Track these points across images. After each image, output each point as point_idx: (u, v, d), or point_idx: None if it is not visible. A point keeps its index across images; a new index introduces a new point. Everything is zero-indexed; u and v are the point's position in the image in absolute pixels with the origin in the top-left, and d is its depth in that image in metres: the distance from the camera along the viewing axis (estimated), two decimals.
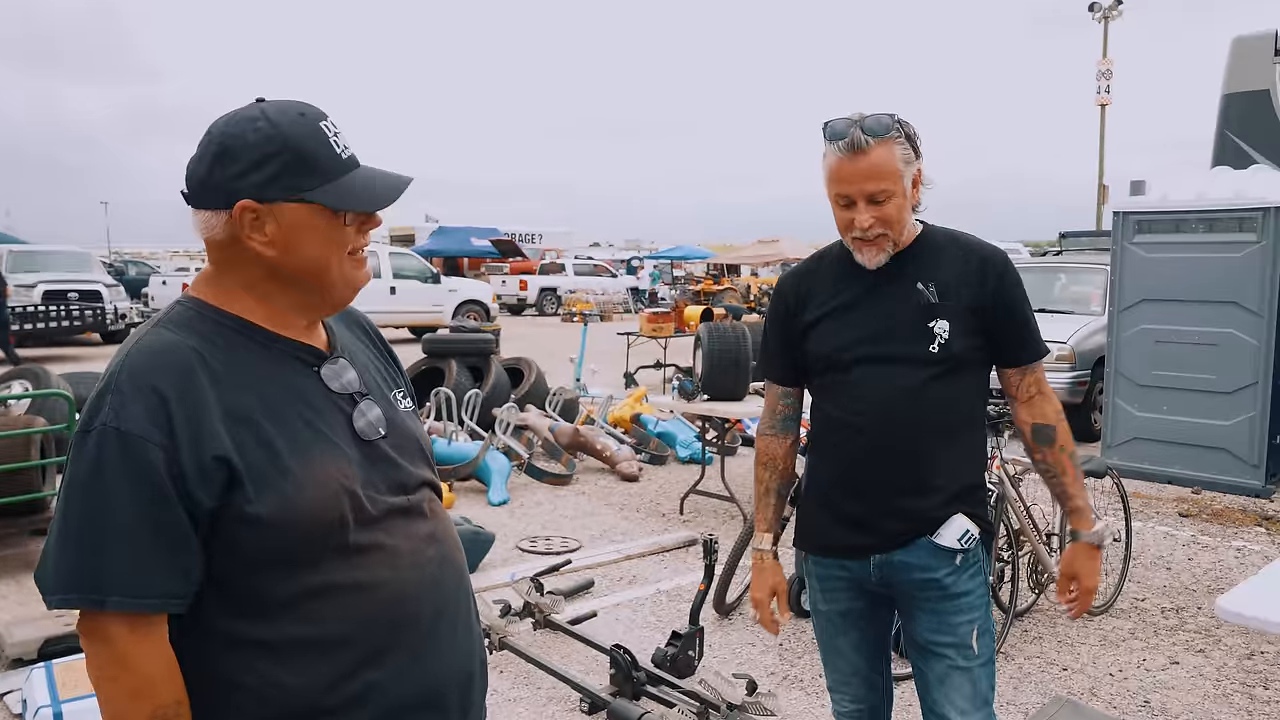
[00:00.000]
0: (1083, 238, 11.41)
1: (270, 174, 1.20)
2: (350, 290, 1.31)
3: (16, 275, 16.59)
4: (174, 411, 1.15)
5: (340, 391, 1.30)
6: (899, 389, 1.99)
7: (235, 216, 1.21)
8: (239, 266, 1.26)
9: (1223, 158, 6.91)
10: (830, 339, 2.05)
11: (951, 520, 2.02)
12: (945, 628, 2.04)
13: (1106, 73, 27.34)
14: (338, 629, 1.22)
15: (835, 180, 1.95)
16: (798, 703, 3.56)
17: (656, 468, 7.58)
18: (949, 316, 1.98)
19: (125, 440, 1.12)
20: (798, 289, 2.13)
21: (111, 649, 1.15)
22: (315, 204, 1.23)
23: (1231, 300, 5.85)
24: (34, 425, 5.17)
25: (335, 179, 1.24)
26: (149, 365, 1.17)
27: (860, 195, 1.92)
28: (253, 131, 1.21)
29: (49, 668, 3.25)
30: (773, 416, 2.22)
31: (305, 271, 1.25)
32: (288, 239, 1.23)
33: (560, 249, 35.99)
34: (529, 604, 3.96)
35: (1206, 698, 3.61)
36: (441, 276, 19.32)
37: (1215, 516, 6.14)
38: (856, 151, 1.90)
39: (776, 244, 29.72)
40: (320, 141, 1.24)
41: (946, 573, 2.02)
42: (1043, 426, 2.09)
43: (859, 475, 2.04)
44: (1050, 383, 2.19)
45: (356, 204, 1.25)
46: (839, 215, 1.98)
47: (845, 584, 2.13)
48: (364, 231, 1.29)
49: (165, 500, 1.13)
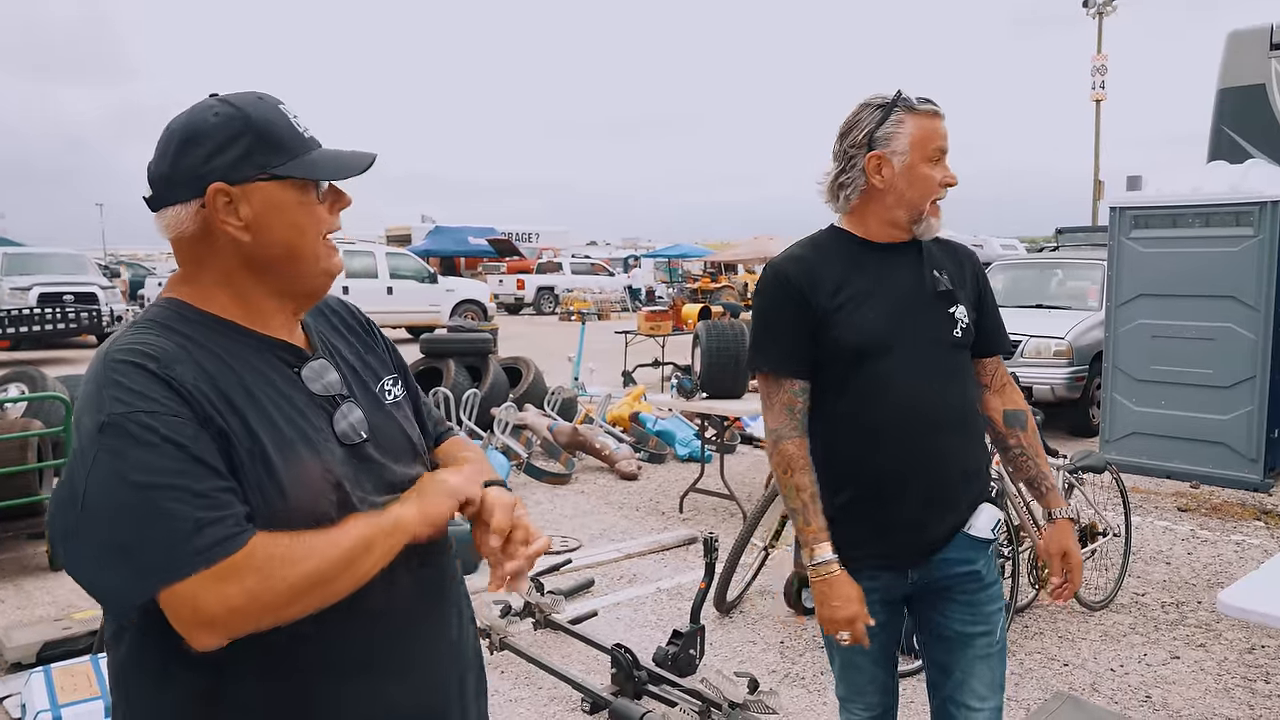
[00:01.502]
0: (1079, 233, 11.42)
1: (238, 154, 1.19)
2: (327, 276, 1.29)
3: (11, 278, 16.57)
4: (176, 387, 1.12)
5: (321, 393, 1.27)
6: (931, 376, 1.98)
7: (209, 200, 1.19)
8: (212, 261, 1.24)
9: (1218, 152, 6.91)
10: (858, 326, 1.95)
11: (980, 510, 2.02)
12: (980, 617, 2.05)
13: (1101, 68, 27.38)
14: (322, 631, 1.18)
15: (930, 137, 1.95)
16: (799, 700, 3.56)
17: (655, 466, 7.57)
18: (963, 303, 2.04)
19: (142, 420, 1.09)
20: (805, 274, 1.99)
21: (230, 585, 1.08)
22: (286, 180, 1.22)
23: (1229, 295, 5.85)
24: (31, 428, 5.15)
25: (301, 155, 1.24)
26: (137, 356, 1.14)
27: (948, 150, 1.98)
28: (213, 116, 1.21)
29: (48, 672, 3.24)
30: (792, 416, 1.99)
31: (281, 255, 1.24)
32: (261, 220, 1.21)
33: (557, 248, 35.99)
34: (529, 604, 3.96)
35: (1208, 692, 3.61)
36: (438, 276, 19.31)
37: (1214, 511, 6.15)
38: (939, 113, 1.98)
39: (773, 241, 29.72)
40: (282, 120, 1.24)
41: (983, 562, 2.04)
42: (1015, 412, 2.15)
43: (902, 472, 1.97)
44: (1048, 378, 2.22)
45: (326, 173, 1.24)
46: (926, 175, 1.95)
47: (873, 598, 2.00)
48: (335, 211, 1.29)
49: (198, 461, 1.10)
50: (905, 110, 1.95)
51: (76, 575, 1.15)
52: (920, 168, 1.95)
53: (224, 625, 1.09)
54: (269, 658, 1.16)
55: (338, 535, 1.15)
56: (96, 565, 1.12)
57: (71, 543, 1.14)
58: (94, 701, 3.05)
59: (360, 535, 1.17)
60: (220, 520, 1.09)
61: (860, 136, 1.98)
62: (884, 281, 2.00)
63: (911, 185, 1.96)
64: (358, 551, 1.16)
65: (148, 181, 1.24)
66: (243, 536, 1.09)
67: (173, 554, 1.07)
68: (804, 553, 1.99)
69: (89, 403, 1.13)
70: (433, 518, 1.26)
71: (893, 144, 1.95)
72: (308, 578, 1.12)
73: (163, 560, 1.07)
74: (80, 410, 1.15)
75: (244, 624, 1.10)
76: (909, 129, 1.94)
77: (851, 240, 2.04)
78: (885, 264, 2.02)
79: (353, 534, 1.16)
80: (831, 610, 1.94)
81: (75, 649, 3.75)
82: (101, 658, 3.31)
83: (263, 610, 1.10)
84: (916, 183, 1.96)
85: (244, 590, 1.08)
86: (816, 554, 1.95)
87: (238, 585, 1.08)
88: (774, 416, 2.02)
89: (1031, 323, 8.47)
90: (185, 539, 1.07)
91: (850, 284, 1.98)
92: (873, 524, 2.00)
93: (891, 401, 1.95)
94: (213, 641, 1.09)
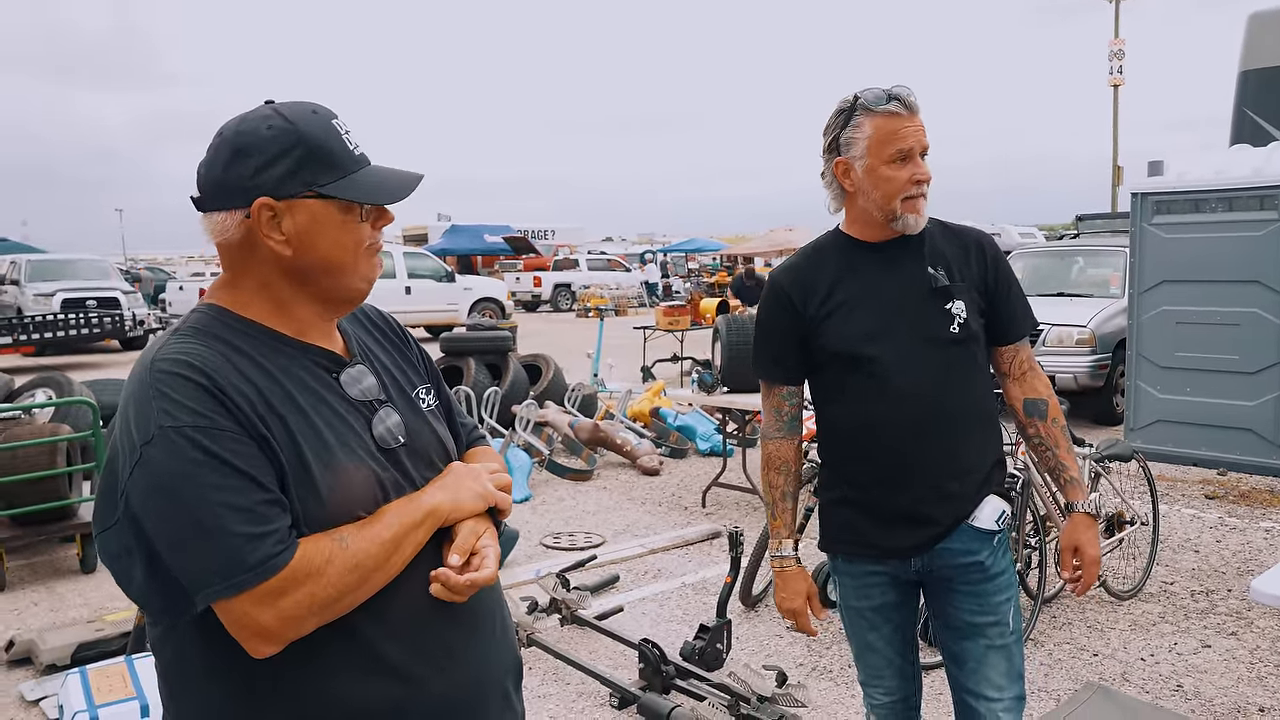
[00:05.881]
0: (1099, 220, 11.33)
1: (287, 169, 1.21)
2: (366, 285, 1.31)
3: (35, 284, 16.76)
4: (221, 399, 1.14)
5: (359, 398, 1.29)
6: (928, 373, 1.99)
7: (254, 213, 1.21)
8: (253, 268, 1.25)
9: (1241, 135, 6.85)
10: (847, 331, 2.02)
11: (985, 501, 2.05)
12: (987, 607, 2.06)
13: (1119, 53, 27.11)
14: (367, 628, 1.20)
15: (892, 138, 1.94)
16: (828, 693, 3.56)
17: (677, 461, 7.58)
18: (962, 296, 2.02)
19: (190, 434, 1.11)
20: (796, 283, 2.08)
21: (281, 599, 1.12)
22: (331, 199, 1.23)
23: (1254, 279, 5.79)
24: (59, 433, 5.21)
25: (350, 174, 1.24)
26: (182, 364, 1.16)
27: (919, 148, 1.97)
28: (267, 129, 1.22)
29: (84, 673, 3.28)
30: (779, 418, 2.15)
31: (321, 268, 1.25)
32: (304, 236, 1.22)
33: (573, 244, 36.00)
34: (555, 600, 3.97)
35: (1240, 680, 3.59)
36: (456, 275, 19.37)
37: (1242, 498, 6.09)
38: (911, 110, 1.96)
39: (791, 233, 29.62)
40: (334, 137, 1.25)
41: (987, 554, 2.05)
42: (1035, 400, 2.13)
43: (902, 468, 2.02)
44: (1071, 367, 2.21)
45: (372, 196, 1.26)
46: (892, 176, 1.95)
47: (880, 580, 2.12)
48: (378, 228, 1.30)
49: (243, 474, 1.13)
50: (865, 113, 1.96)
51: (125, 588, 1.18)
52: (881, 170, 1.96)
53: (278, 635, 1.13)
54: (314, 652, 1.18)
55: (378, 529, 1.19)
56: (145, 577, 1.14)
57: (119, 559, 1.16)
58: (130, 702, 3.09)
59: (395, 526, 1.21)
60: (266, 536, 1.11)
61: (829, 142, 2.03)
62: (877, 282, 2.03)
63: (875, 187, 1.98)
64: (397, 539, 1.20)
65: (197, 183, 1.25)
66: (288, 552, 1.12)
67: (222, 570, 1.10)
68: (770, 543, 2.18)
69: (135, 413, 1.15)
70: (465, 511, 1.30)
71: (853, 148, 1.98)
72: (354, 571, 1.15)
73: (211, 577, 1.10)
74: (125, 420, 1.16)
75: (299, 630, 1.14)
76: (866, 132, 1.96)
77: (848, 242, 2.09)
78: (881, 264, 2.04)
79: (389, 525, 1.20)
80: (781, 600, 2.17)
81: (109, 650, 3.80)
82: (136, 658, 3.35)
83: (315, 614, 1.14)
84: (880, 184, 1.97)
85: (294, 602, 1.12)
86: (777, 548, 2.16)
87: (288, 598, 1.11)
88: (765, 418, 2.20)
89: (1053, 311, 8.40)
90: (233, 554, 1.10)
91: (842, 288, 2.04)
92: (873, 517, 2.07)
93: (888, 400, 2.00)
94: (270, 650, 1.13)
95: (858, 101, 1.97)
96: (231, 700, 1.19)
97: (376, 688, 1.21)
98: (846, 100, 2.00)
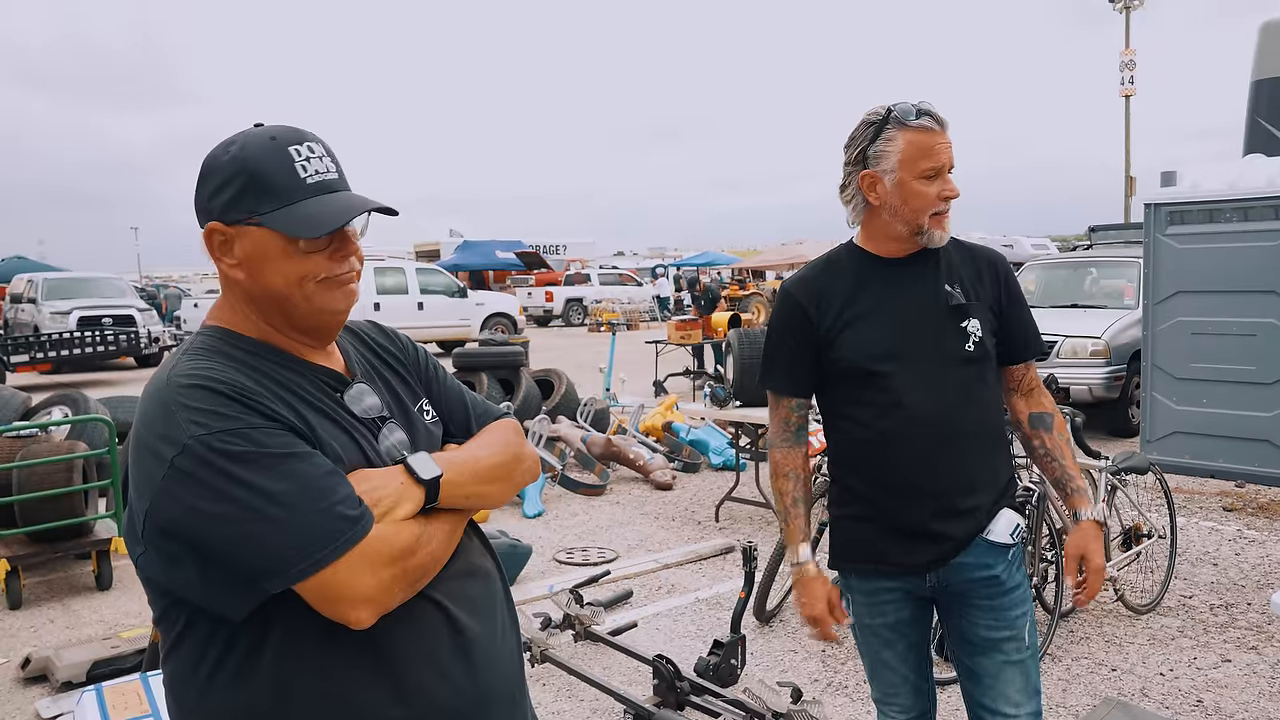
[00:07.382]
0: (1112, 230, 11.30)
1: (231, 196, 1.23)
2: (326, 315, 1.29)
3: (52, 302, 16.90)
4: (248, 402, 1.17)
5: (363, 416, 1.31)
6: (942, 390, 1.99)
7: (205, 237, 1.25)
8: (234, 289, 1.29)
9: (1254, 144, 6.82)
10: (862, 345, 2.01)
11: (1000, 515, 2.04)
12: (1003, 622, 2.05)
13: (1130, 63, 27.08)
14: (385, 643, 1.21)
15: (924, 154, 1.93)
16: (843, 710, 3.53)
17: (690, 475, 7.56)
18: (976, 315, 2.02)
19: (222, 438, 1.12)
20: (811, 295, 2.07)
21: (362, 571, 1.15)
22: (268, 229, 1.23)
23: (1269, 289, 5.76)
24: (75, 450, 5.24)
25: (290, 203, 1.23)
26: (200, 377, 1.18)
27: (949, 164, 1.96)
28: (224, 155, 1.25)
29: (99, 690, 3.29)
30: (786, 428, 2.15)
31: (269, 297, 1.26)
32: (251, 262, 1.24)
33: (584, 259, 36.07)
34: (569, 616, 3.96)
35: (1261, 695, 3.54)
36: (468, 290, 19.44)
37: (1261, 510, 6.03)
38: (942, 126, 1.96)
39: (802, 245, 29.65)
40: (281, 165, 1.23)
41: (1002, 567, 2.04)
42: (1039, 413, 2.14)
43: (914, 484, 2.01)
44: (1085, 379, 2.21)
45: (292, 227, 1.22)
46: (921, 191, 1.94)
47: (894, 596, 2.11)
48: (337, 259, 1.27)
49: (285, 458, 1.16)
50: (897, 126, 1.95)
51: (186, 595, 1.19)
52: (912, 184, 1.95)
53: (378, 602, 1.16)
54: (323, 661, 1.19)
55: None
56: (202, 580, 1.15)
57: (168, 572, 1.18)
58: (145, 719, 3.09)
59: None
60: (343, 501, 1.16)
61: (855, 154, 2.01)
62: (893, 298, 2.02)
63: (905, 202, 1.96)
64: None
65: None
66: (369, 516, 1.17)
67: (302, 547, 1.12)
68: (787, 552, 2.16)
69: (163, 429, 1.15)
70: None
71: (883, 162, 1.96)
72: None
73: (292, 555, 1.11)
74: (147, 438, 1.16)
75: (394, 599, 1.18)
76: (898, 146, 1.94)
77: (864, 256, 2.07)
78: (896, 279, 2.03)
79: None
80: (802, 606, 2.12)
81: (124, 667, 3.81)
82: (151, 675, 3.36)
83: (406, 584, 1.20)
84: (910, 199, 1.96)
85: (390, 570, 1.17)
86: (795, 554, 2.13)
87: (385, 567, 1.16)
88: (771, 427, 2.19)
89: (1067, 323, 8.38)
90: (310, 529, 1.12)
91: (857, 302, 2.03)
92: (887, 532, 2.06)
93: (901, 415, 1.99)
94: (369, 617, 1.16)
95: (890, 114, 1.95)
96: (255, 702, 1.20)
97: (385, 696, 1.21)
98: (877, 113, 1.98)
